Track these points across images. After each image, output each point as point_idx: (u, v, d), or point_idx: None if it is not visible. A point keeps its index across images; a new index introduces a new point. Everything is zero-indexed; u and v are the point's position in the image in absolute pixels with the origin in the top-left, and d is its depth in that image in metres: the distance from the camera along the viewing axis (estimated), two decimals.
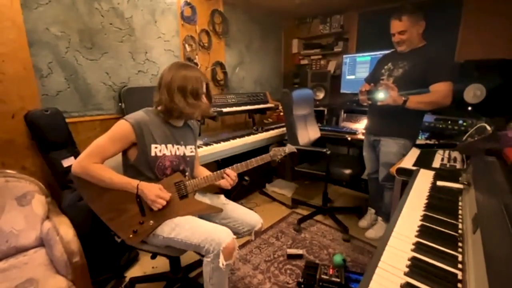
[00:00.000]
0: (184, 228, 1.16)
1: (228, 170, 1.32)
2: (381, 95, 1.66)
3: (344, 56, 2.96)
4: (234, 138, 2.24)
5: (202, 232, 1.12)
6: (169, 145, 1.25)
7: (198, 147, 1.95)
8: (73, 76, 1.76)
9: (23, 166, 1.59)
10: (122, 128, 1.16)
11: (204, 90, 1.25)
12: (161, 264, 1.76)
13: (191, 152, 1.36)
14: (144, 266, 1.79)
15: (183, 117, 1.27)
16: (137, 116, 1.19)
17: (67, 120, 1.69)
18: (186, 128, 1.37)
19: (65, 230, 1.28)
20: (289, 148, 1.47)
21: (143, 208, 1.20)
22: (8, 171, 1.40)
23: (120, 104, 1.95)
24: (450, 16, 2.43)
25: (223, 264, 1.07)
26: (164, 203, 1.17)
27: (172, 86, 1.18)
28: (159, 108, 1.24)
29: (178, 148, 1.29)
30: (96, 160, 1.13)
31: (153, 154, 1.20)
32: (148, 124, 1.20)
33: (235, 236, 1.14)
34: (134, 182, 1.16)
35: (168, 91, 1.18)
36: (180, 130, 1.33)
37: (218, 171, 1.32)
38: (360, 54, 2.85)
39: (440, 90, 1.62)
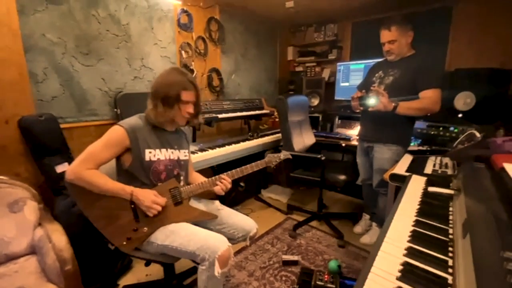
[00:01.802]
0: (179, 236, 1.15)
1: (223, 176, 1.32)
2: (372, 101, 1.70)
3: (338, 63, 3.01)
4: (229, 144, 2.25)
5: (197, 239, 1.12)
6: (163, 150, 1.26)
7: (193, 152, 1.95)
8: (68, 82, 1.76)
9: (16, 173, 1.57)
10: (116, 133, 1.17)
11: (185, 98, 1.21)
12: (155, 272, 1.74)
13: (185, 156, 1.37)
14: (138, 273, 1.77)
15: (158, 124, 1.26)
16: (131, 121, 1.20)
17: (62, 126, 1.68)
18: (179, 133, 1.39)
19: (58, 237, 1.26)
20: (284, 154, 1.48)
21: (137, 214, 1.19)
22: (0, 177, 1.38)
23: (115, 109, 1.95)
24: (440, 27, 2.51)
25: (218, 273, 1.06)
26: (160, 208, 1.17)
27: (151, 92, 1.22)
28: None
29: (172, 152, 1.30)
30: (90, 166, 1.13)
31: (147, 159, 1.20)
32: (142, 129, 1.21)
33: (230, 244, 1.14)
34: (128, 189, 1.16)
35: (150, 97, 1.22)
36: (173, 134, 1.34)
37: (213, 178, 1.33)
38: (354, 62, 2.90)
39: (428, 97, 1.66)
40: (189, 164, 1.44)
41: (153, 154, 1.22)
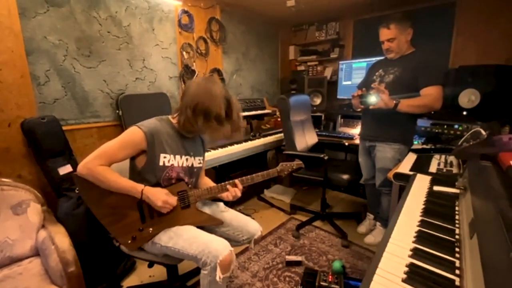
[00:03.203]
0: (182, 238, 1.14)
1: (235, 188, 1.28)
2: (373, 99, 1.70)
3: (340, 62, 2.99)
4: (231, 144, 2.24)
5: (199, 243, 1.11)
6: (178, 156, 1.24)
7: None
8: (70, 84, 1.76)
9: (19, 175, 1.58)
10: (135, 135, 1.15)
11: (224, 112, 1.15)
12: (158, 273, 1.74)
13: (199, 163, 1.35)
14: (141, 274, 1.77)
15: (186, 133, 1.25)
16: (150, 125, 1.18)
17: (64, 128, 1.68)
18: (197, 139, 1.37)
19: (61, 239, 1.26)
20: (297, 164, 1.46)
21: (143, 215, 1.19)
22: (4, 179, 1.39)
23: (117, 111, 1.95)
24: (443, 24, 2.48)
25: (220, 278, 1.05)
26: (171, 206, 1.17)
27: (197, 107, 1.12)
28: (176, 118, 1.23)
29: (187, 159, 1.28)
30: (103, 163, 1.12)
31: (161, 163, 1.19)
32: (160, 133, 1.19)
33: (232, 249, 1.13)
34: (139, 187, 1.15)
35: (193, 112, 1.13)
36: (191, 141, 1.32)
37: (222, 184, 1.30)
38: (356, 60, 2.88)
39: (430, 94, 1.65)
40: (202, 169, 1.43)
41: (167, 160, 1.21)
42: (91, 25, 1.81)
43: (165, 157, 1.20)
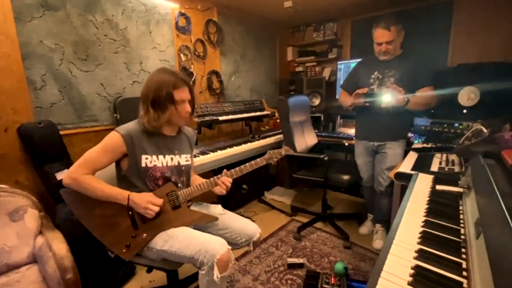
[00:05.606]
0: (178, 240, 1.13)
1: (223, 178, 1.29)
2: (387, 98, 1.74)
3: (339, 62, 2.98)
4: (231, 146, 2.22)
5: (195, 243, 1.09)
6: (161, 156, 1.23)
7: (195, 156, 1.93)
8: (67, 88, 1.75)
9: (16, 181, 1.56)
10: (113, 139, 1.15)
11: (179, 97, 1.17)
12: (159, 278, 1.72)
13: (187, 161, 1.33)
14: (141, 280, 1.74)
15: (154, 129, 1.21)
16: (129, 127, 1.19)
17: (61, 133, 1.67)
18: (181, 137, 1.35)
19: (58, 245, 1.24)
20: (285, 149, 1.43)
21: (135, 221, 1.17)
22: (0, 185, 1.37)
23: (115, 115, 1.94)
24: (441, 22, 2.48)
25: (217, 277, 1.03)
26: (157, 209, 1.15)
27: (141, 96, 1.19)
28: None
29: (171, 158, 1.27)
30: (87, 171, 1.12)
31: (143, 165, 1.19)
32: (139, 134, 1.19)
33: (230, 247, 1.11)
34: (125, 193, 1.14)
35: (140, 102, 1.20)
36: (174, 139, 1.31)
37: (212, 179, 1.29)
38: (355, 60, 2.86)
39: (430, 92, 1.77)
40: (191, 168, 1.41)
41: (149, 160, 1.20)
42: (87, 28, 1.80)
43: (146, 158, 1.19)
